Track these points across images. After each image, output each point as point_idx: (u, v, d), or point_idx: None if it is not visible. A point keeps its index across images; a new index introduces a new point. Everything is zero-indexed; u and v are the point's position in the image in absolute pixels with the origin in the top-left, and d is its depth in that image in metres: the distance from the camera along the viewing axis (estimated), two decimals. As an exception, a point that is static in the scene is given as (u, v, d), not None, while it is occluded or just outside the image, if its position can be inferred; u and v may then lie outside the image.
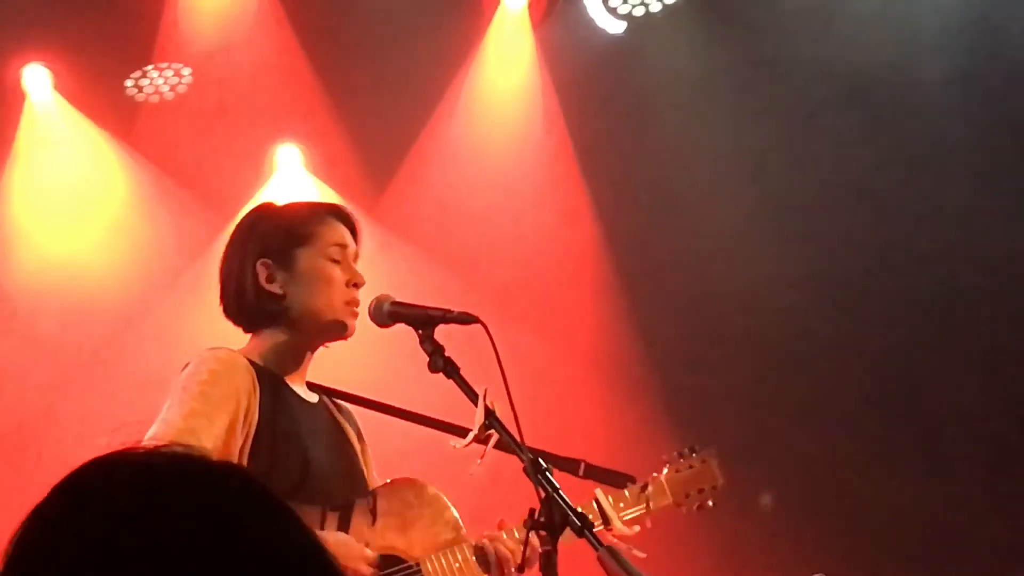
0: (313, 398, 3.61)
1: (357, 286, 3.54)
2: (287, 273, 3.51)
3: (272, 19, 6.43)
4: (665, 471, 3.86)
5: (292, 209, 3.67)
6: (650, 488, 3.79)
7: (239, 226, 3.64)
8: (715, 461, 3.92)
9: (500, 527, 3.53)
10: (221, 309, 3.59)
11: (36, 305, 6.18)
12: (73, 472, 1.27)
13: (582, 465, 3.84)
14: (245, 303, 3.54)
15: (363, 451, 3.69)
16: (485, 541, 3.48)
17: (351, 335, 3.53)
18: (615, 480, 3.81)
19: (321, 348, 3.60)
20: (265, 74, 6.45)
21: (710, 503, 3.90)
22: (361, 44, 6.52)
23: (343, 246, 3.57)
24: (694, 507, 3.88)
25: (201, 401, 3.28)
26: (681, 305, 6.55)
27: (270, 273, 3.52)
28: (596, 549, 2.96)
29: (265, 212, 3.66)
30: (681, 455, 3.91)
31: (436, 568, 3.47)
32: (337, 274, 3.53)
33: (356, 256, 3.62)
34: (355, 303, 3.52)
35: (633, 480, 3.81)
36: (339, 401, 3.73)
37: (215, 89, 6.41)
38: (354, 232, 3.64)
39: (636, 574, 2.88)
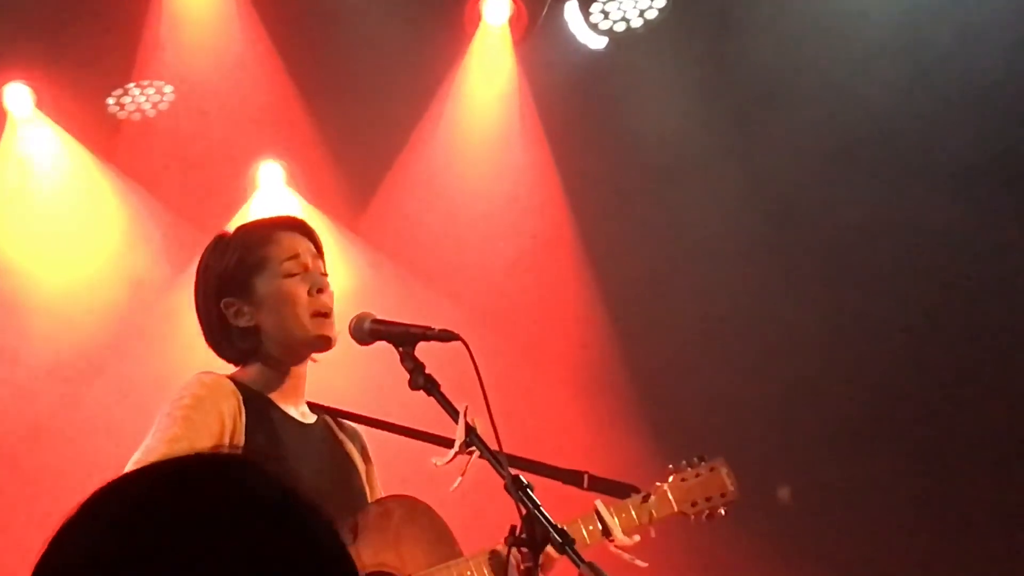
0: (310, 419, 3.60)
1: (322, 291, 3.52)
2: (252, 305, 3.50)
3: (254, 37, 6.43)
4: (670, 480, 3.83)
5: (239, 238, 3.60)
6: (653, 498, 3.76)
7: (198, 267, 3.62)
8: (724, 470, 3.88)
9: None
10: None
11: (16, 323, 6.17)
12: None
13: (586, 477, 3.81)
14: (223, 343, 3.55)
15: (368, 471, 3.67)
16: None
17: (334, 344, 3.51)
18: (619, 491, 3.78)
19: (313, 365, 3.60)
20: (247, 92, 6.45)
21: (722, 511, 3.85)
22: (343, 61, 6.52)
23: (296, 256, 3.53)
24: (703, 516, 3.84)
25: (184, 426, 3.27)
26: (663, 318, 6.56)
27: (237, 309, 3.51)
28: (577, 566, 2.96)
29: (216, 248, 3.60)
30: (689, 464, 3.87)
31: None
32: (298, 289, 3.50)
33: (317, 255, 3.59)
34: (324, 309, 3.50)
35: (637, 490, 3.78)
36: (345, 421, 3.71)
37: (197, 107, 6.41)
38: (306, 233, 3.62)
39: (617, 591, 2.88)
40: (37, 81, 6.21)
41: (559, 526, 3.04)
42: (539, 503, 3.04)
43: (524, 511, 3.03)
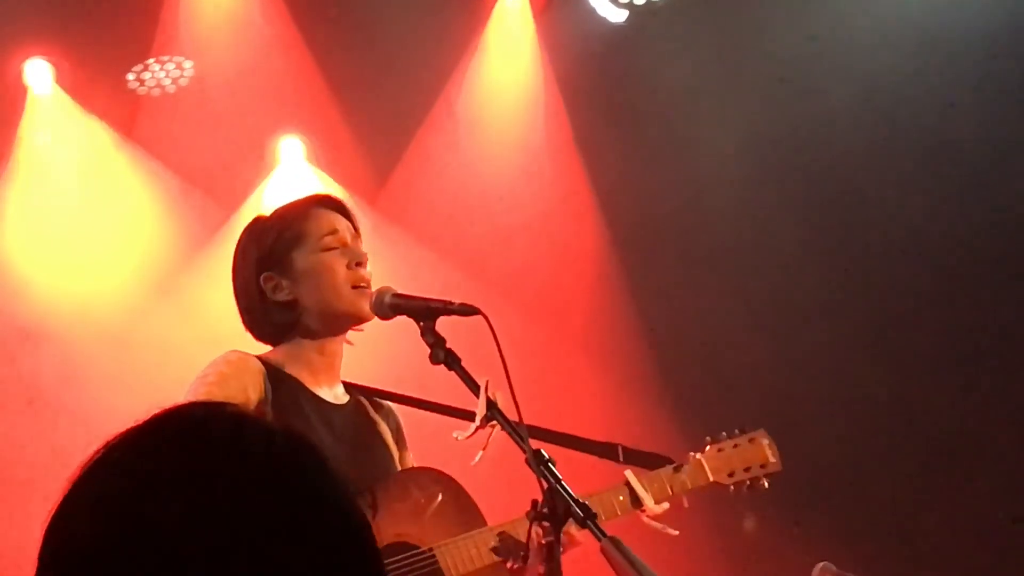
0: (343, 399, 3.60)
1: (361, 264, 3.53)
2: (290, 279, 3.51)
3: (273, 12, 6.42)
4: (707, 449, 3.81)
5: (277, 216, 3.64)
6: (687, 467, 3.74)
7: (236, 251, 3.64)
8: (766, 440, 3.85)
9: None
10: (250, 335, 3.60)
11: (36, 296, 6.17)
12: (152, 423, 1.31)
13: (620, 449, 3.82)
14: (262, 321, 3.55)
15: (401, 456, 3.67)
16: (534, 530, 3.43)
17: (371, 317, 3.50)
18: (654, 462, 3.77)
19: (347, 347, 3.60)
20: (267, 66, 6.44)
21: (764, 483, 3.82)
22: (363, 35, 6.51)
23: (335, 232, 3.55)
24: (743, 486, 3.81)
25: None
26: (682, 293, 6.55)
27: (276, 284, 3.52)
28: (599, 539, 2.95)
29: (253, 229, 3.63)
30: (728, 434, 3.85)
31: (450, 553, 3.46)
32: (337, 261, 3.52)
33: (355, 233, 3.61)
34: (363, 282, 3.51)
35: (672, 461, 3.77)
36: (383, 401, 3.71)
37: (217, 82, 6.41)
38: (344, 213, 3.63)
39: (639, 564, 2.87)
40: (57, 57, 6.21)
41: (581, 500, 3.03)
42: (560, 477, 3.03)
43: (546, 485, 3.03)
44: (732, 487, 3.80)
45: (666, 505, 3.67)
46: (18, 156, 6.28)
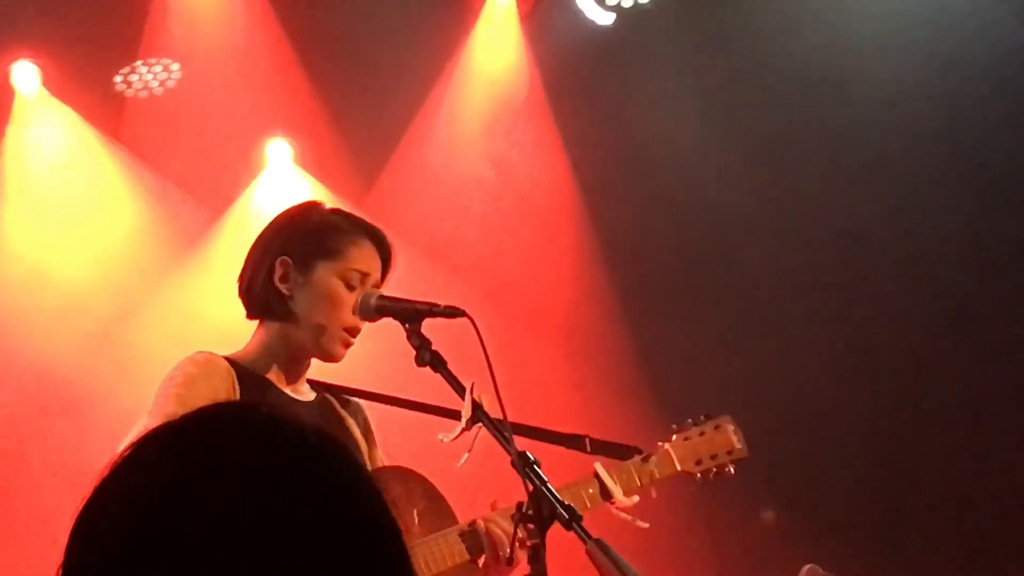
0: (309, 396, 3.59)
1: None
2: (302, 278, 3.48)
3: (259, 13, 6.42)
4: (673, 439, 3.79)
5: (332, 218, 3.60)
6: (654, 457, 3.73)
7: (281, 215, 3.63)
8: (731, 427, 3.82)
9: (493, 508, 3.50)
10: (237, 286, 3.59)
11: (24, 300, 6.16)
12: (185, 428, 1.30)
13: (588, 441, 3.80)
14: (254, 291, 3.53)
15: (370, 452, 3.66)
16: (479, 521, 3.47)
17: (338, 361, 3.51)
18: (622, 453, 3.76)
19: None
20: (254, 69, 6.44)
21: (730, 470, 3.79)
22: (350, 38, 6.51)
23: (365, 274, 3.50)
24: (710, 475, 3.79)
25: (177, 405, 3.26)
26: (671, 296, 6.56)
27: (285, 272, 3.49)
28: (584, 542, 2.95)
29: (306, 211, 3.62)
30: (693, 422, 3.82)
31: (426, 554, 3.45)
32: (348, 299, 3.47)
33: (378, 287, 3.55)
34: (354, 332, 3.49)
35: (640, 451, 3.76)
36: (350, 398, 3.70)
37: (204, 84, 6.41)
38: (387, 262, 3.59)
39: (624, 566, 2.87)
40: (44, 59, 6.20)
41: (566, 502, 3.03)
42: (546, 479, 3.03)
43: (531, 488, 3.03)
44: (699, 475, 3.79)
45: (636, 498, 3.66)
46: (4, 159, 6.27)
